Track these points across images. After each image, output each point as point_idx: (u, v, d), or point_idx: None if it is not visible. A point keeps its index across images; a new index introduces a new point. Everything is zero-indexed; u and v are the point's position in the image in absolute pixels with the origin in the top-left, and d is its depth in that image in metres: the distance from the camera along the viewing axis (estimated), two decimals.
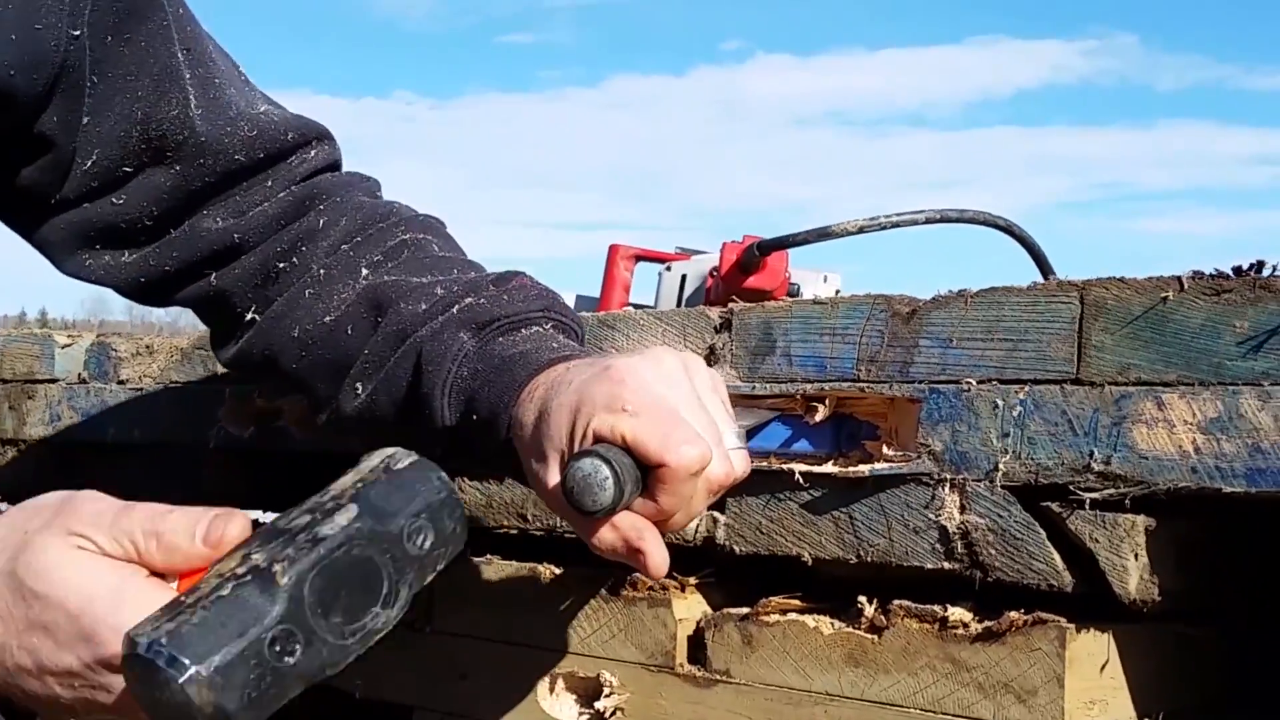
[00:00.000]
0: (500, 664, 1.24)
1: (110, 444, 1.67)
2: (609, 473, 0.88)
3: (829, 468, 1.07)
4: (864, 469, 1.04)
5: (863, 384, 1.06)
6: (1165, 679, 1.01)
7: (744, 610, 1.11)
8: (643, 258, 1.81)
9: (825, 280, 1.68)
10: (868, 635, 1.03)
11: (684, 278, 1.69)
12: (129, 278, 1.16)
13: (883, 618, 1.03)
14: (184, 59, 1.10)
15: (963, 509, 1.00)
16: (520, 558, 1.26)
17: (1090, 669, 0.96)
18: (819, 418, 1.08)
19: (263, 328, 1.15)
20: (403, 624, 0.78)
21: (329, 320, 1.12)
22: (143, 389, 1.64)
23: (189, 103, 1.09)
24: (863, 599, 1.04)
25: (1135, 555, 0.94)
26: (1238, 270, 0.91)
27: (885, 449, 1.05)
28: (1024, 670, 0.96)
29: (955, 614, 0.99)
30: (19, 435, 1.79)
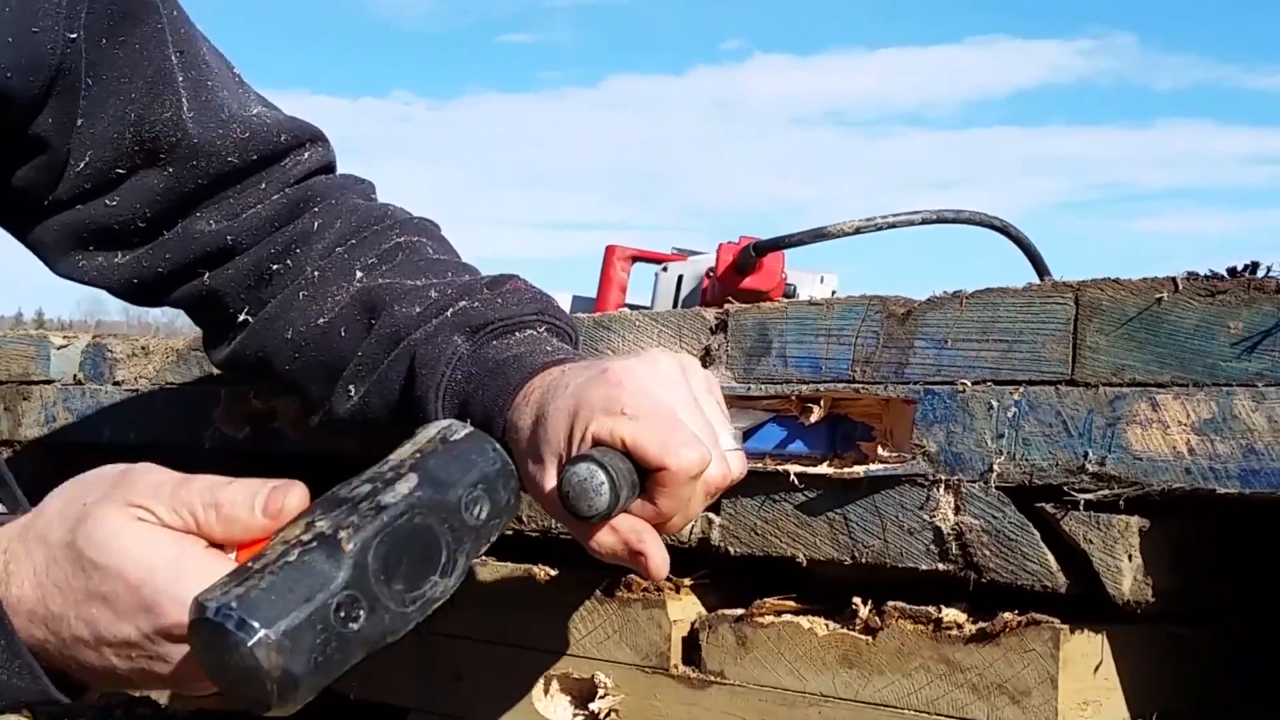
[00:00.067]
0: (495, 665, 1.24)
1: (106, 445, 1.67)
2: (604, 478, 0.88)
3: (824, 469, 1.07)
4: (859, 470, 1.04)
5: (858, 385, 1.06)
6: (1159, 680, 1.01)
7: (739, 611, 1.11)
8: (639, 258, 1.80)
9: (822, 281, 1.68)
10: (862, 636, 1.03)
11: (680, 278, 1.69)
12: (122, 279, 1.16)
13: (877, 619, 1.03)
14: (177, 61, 1.10)
15: (957, 510, 1.00)
16: (515, 559, 1.25)
17: (1084, 670, 0.96)
18: (814, 419, 1.08)
19: (256, 329, 1.15)
20: None
21: (322, 322, 1.12)
22: (138, 390, 1.63)
23: (182, 105, 1.09)
24: (857, 600, 1.04)
25: (1129, 556, 0.94)
26: (1232, 271, 0.91)
27: (880, 450, 1.05)
28: (1018, 671, 0.96)
29: (949, 615, 0.99)
30: (14, 436, 1.79)
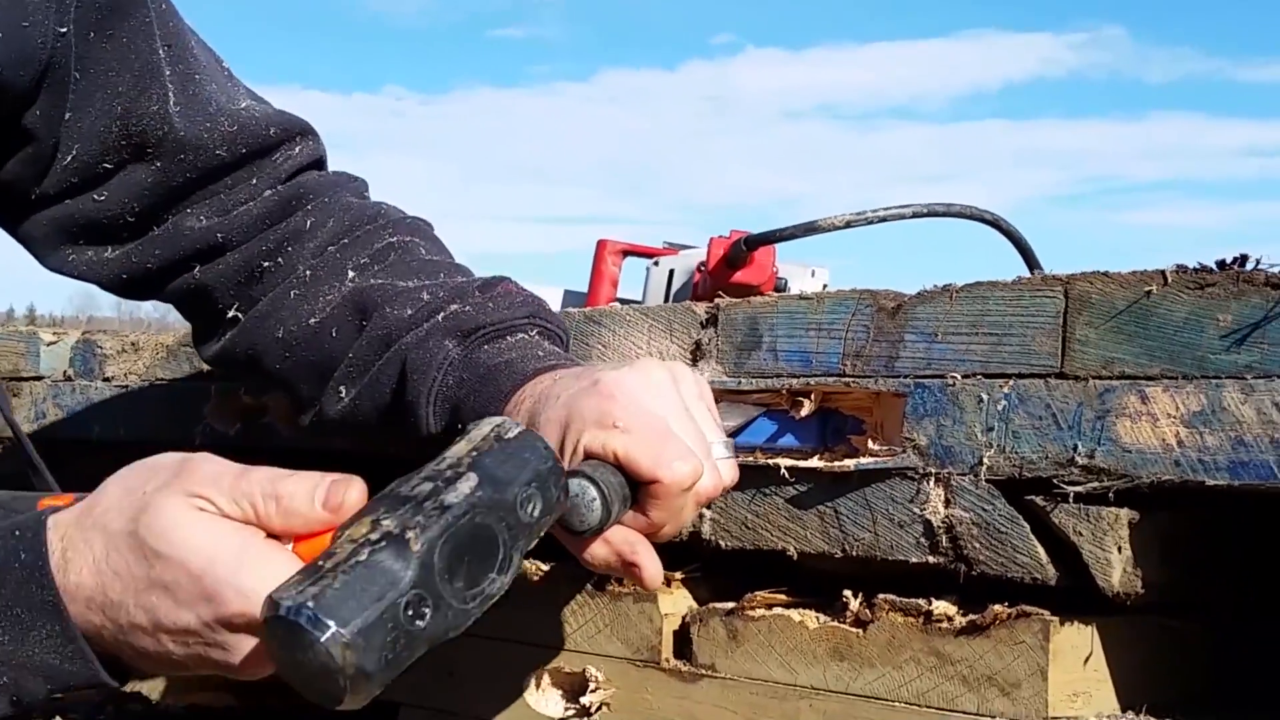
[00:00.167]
0: (487, 660, 1.24)
1: (96, 441, 1.66)
2: (596, 494, 0.89)
3: (814, 462, 1.07)
4: (849, 463, 1.04)
5: (848, 379, 1.06)
6: (1149, 671, 1.01)
7: (729, 605, 1.11)
8: (631, 253, 1.80)
9: (813, 275, 1.67)
10: (853, 629, 1.03)
11: (672, 273, 1.69)
12: (111, 274, 1.16)
13: (868, 611, 1.03)
14: (165, 55, 1.09)
15: (947, 503, 1.00)
16: None
17: (1074, 661, 0.96)
18: (805, 412, 1.08)
19: (246, 327, 1.15)
20: None
21: (313, 322, 1.11)
22: (128, 386, 1.63)
23: (168, 99, 1.09)
24: (848, 593, 1.04)
25: (1119, 548, 0.94)
26: (1221, 264, 0.91)
27: (870, 443, 1.05)
28: (1008, 663, 0.96)
29: (940, 608, 1.00)
30: (3, 432, 1.79)
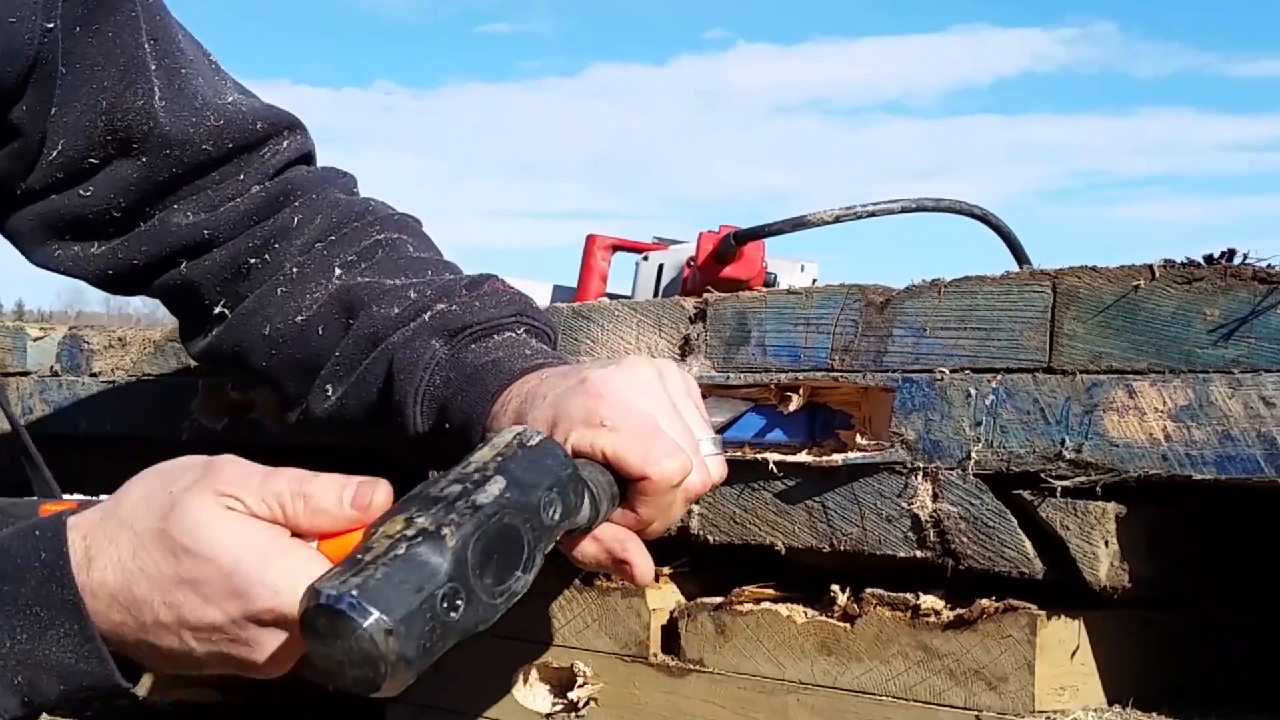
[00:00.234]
0: (474, 655, 1.23)
1: (83, 437, 1.66)
2: (585, 493, 0.89)
3: (803, 457, 1.07)
4: (837, 458, 1.04)
5: (837, 373, 1.06)
6: (1136, 665, 1.01)
7: (717, 600, 1.11)
8: (620, 248, 1.80)
9: (803, 270, 1.67)
10: (840, 624, 1.03)
11: (661, 268, 1.69)
12: (98, 270, 1.15)
13: (855, 606, 1.03)
14: (151, 49, 1.09)
15: (935, 497, 1.00)
16: None
17: (1061, 655, 0.97)
18: (793, 407, 1.08)
19: (233, 324, 1.15)
20: None
21: (300, 320, 1.11)
22: (115, 382, 1.63)
23: (154, 93, 1.09)
24: (835, 588, 1.04)
25: (1106, 542, 0.94)
26: (1208, 259, 0.91)
27: (859, 438, 1.05)
28: (995, 657, 0.96)
29: (927, 602, 1.00)
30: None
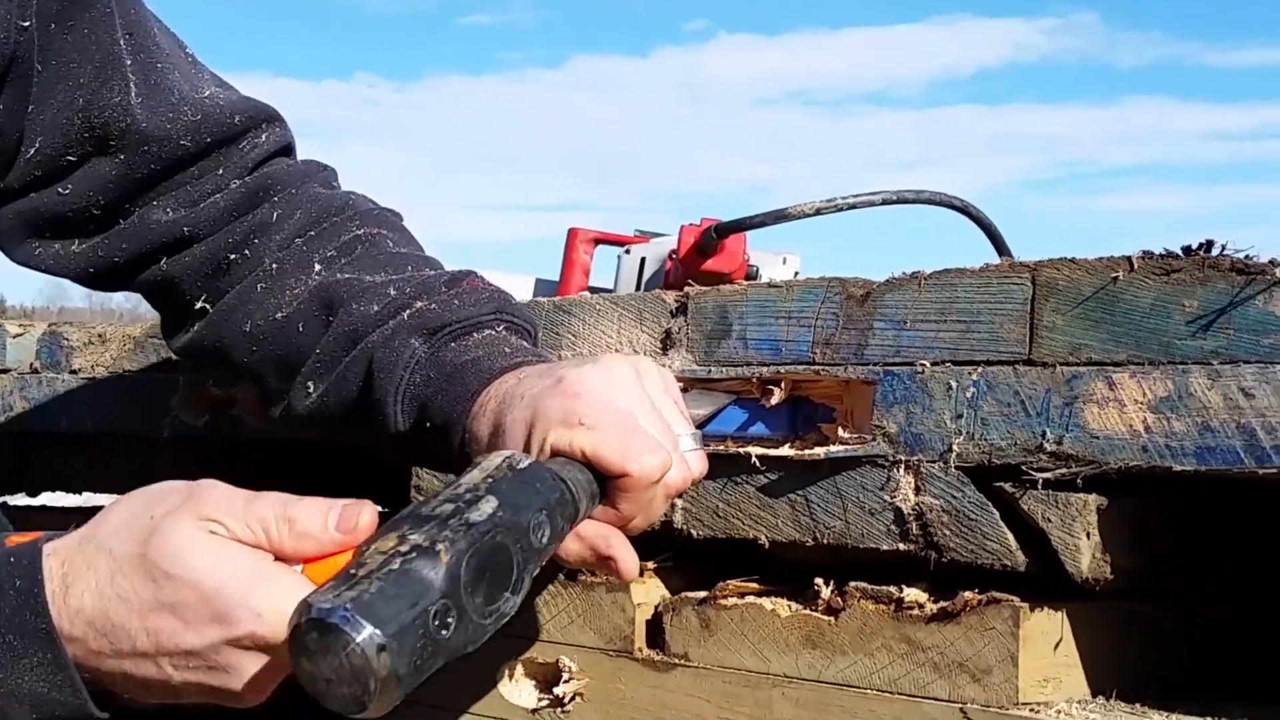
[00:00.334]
0: None
1: (63, 434, 1.65)
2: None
3: (785, 450, 1.07)
4: (820, 451, 1.04)
5: (818, 367, 1.06)
6: (1119, 656, 1.01)
7: (702, 594, 1.11)
8: (602, 241, 1.79)
9: (784, 262, 1.67)
10: (824, 617, 1.03)
11: (643, 261, 1.68)
12: (78, 267, 1.15)
13: (839, 599, 1.03)
14: (126, 45, 1.08)
15: (917, 490, 1.00)
16: None
17: (1044, 647, 0.97)
18: (775, 401, 1.08)
19: (214, 319, 1.14)
20: None
21: (280, 317, 1.11)
22: (95, 378, 1.62)
23: (130, 90, 1.08)
24: (819, 581, 1.04)
25: (1087, 534, 0.94)
26: (1187, 250, 0.91)
27: (841, 431, 1.05)
28: (979, 649, 0.96)
29: (911, 595, 1.00)
30: None
